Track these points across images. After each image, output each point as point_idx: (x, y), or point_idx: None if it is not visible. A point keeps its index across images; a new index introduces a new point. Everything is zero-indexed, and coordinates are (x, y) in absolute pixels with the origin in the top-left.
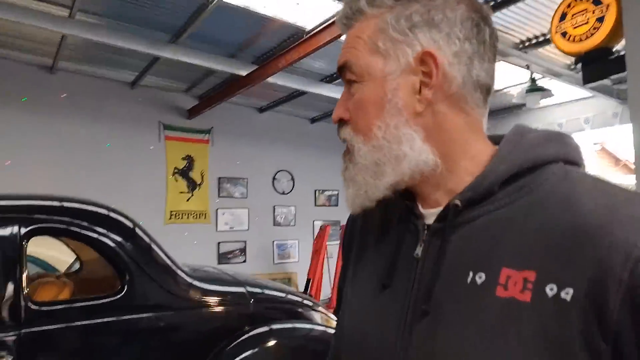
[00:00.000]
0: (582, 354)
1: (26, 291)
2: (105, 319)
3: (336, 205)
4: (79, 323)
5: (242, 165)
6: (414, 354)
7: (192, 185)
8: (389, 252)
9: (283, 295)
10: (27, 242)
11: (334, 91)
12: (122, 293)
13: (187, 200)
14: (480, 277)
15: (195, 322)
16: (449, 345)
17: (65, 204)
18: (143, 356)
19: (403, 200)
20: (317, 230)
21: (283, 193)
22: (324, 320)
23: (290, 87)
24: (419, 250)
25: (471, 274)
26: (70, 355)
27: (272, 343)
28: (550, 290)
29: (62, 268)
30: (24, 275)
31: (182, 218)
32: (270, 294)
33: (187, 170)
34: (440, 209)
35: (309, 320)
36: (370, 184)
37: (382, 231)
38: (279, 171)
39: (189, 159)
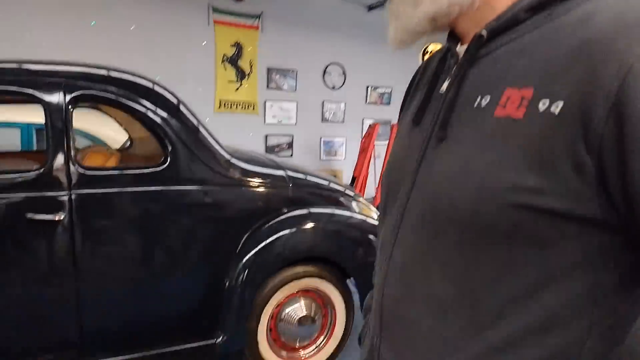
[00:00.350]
0: (566, 169)
1: (75, 156)
2: (149, 188)
3: (388, 104)
4: (123, 189)
5: (292, 55)
6: (421, 174)
7: (241, 75)
8: (425, 91)
9: (324, 182)
10: (74, 108)
11: None
12: (165, 165)
13: (236, 90)
14: (485, 100)
15: (235, 199)
16: (445, 162)
17: (112, 73)
18: (184, 226)
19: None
20: (366, 129)
21: (333, 88)
22: (364, 211)
23: None
24: (445, 85)
25: (479, 97)
26: (116, 218)
27: (309, 225)
28: (543, 105)
29: (116, 146)
30: (72, 141)
31: (230, 108)
32: (310, 180)
33: (236, 58)
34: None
35: (348, 209)
36: (409, 14)
37: (428, 74)
38: (330, 64)
39: (238, 46)
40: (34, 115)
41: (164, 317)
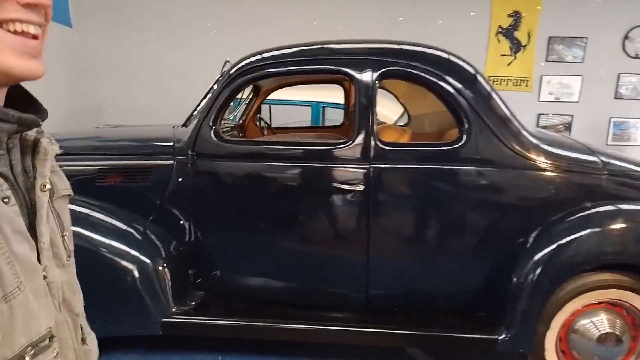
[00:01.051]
0: None
1: (376, 131)
2: (444, 166)
3: None
4: (419, 166)
5: (582, 21)
6: None
7: (516, 47)
8: None
9: None
10: (380, 84)
11: None
12: (462, 142)
13: (509, 64)
14: None
15: (533, 185)
16: None
17: (414, 48)
18: (473, 209)
19: None
20: None
21: (636, 56)
22: None
23: None
24: None
25: None
26: (409, 192)
27: (619, 225)
28: None
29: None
30: (375, 117)
31: (500, 84)
32: (630, 168)
33: (513, 29)
34: None
35: None
36: None
37: None
38: (634, 27)
39: (516, 16)
40: (324, 95)
41: (445, 297)
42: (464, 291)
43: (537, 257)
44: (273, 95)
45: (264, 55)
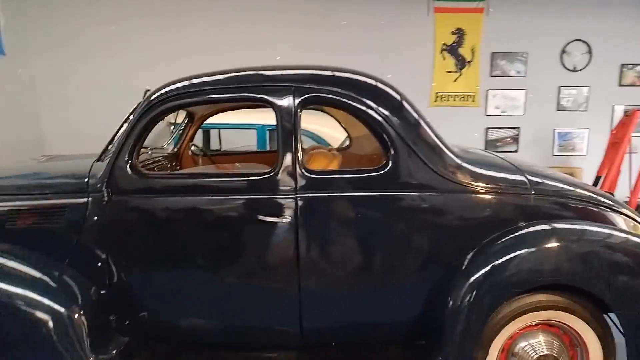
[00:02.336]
0: None
1: (301, 159)
2: (371, 192)
3: None
4: (346, 193)
5: (522, 36)
6: None
7: (461, 63)
8: None
9: (572, 189)
10: (301, 111)
11: None
12: (387, 168)
13: (455, 80)
14: None
15: (463, 207)
16: None
17: (337, 74)
18: (405, 234)
19: None
20: (617, 117)
21: (574, 70)
22: (629, 227)
23: None
24: None
25: None
26: (337, 221)
27: (553, 245)
28: None
29: (335, 144)
30: (299, 144)
31: (447, 100)
32: (557, 187)
33: (457, 46)
34: None
35: (606, 224)
36: None
37: None
38: (570, 42)
39: (459, 33)
40: (269, 118)
41: (384, 328)
42: (402, 320)
43: (472, 279)
44: (219, 119)
45: (181, 84)
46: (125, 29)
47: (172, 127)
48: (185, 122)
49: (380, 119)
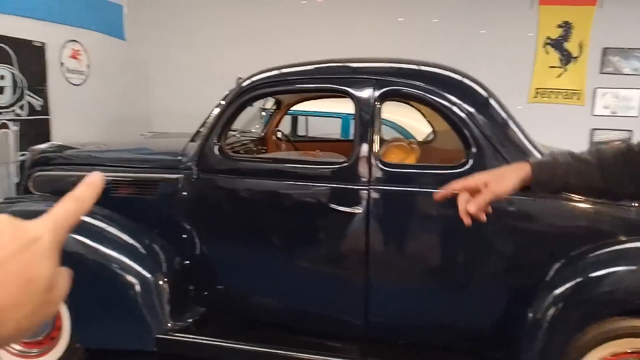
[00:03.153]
0: None
1: (377, 151)
2: None
3: None
4: (420, 189)
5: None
6: None
7: (566, 59)
8: None
9: None
10: (381, 103)
11: None
12: (467, 167)
13: (558, 76)
14: None
15: (554, 214)
16: None
17: (420, 68)
18: (485, 237)
19: None
20: None
21: None
22: None
23: None
24: None
25: None
26: (410, 217)
27: None
28: None
29: (419, 137)
30: (376, 136)
31: (549, 97)
32: None
33: (562, 40)
34: None
35: None
36: None
37: None
38: None
39: (567, 27)
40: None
41: (452, 332)
42: (473, 326)
43: (556, 292)
44: (306, 106)
45: (271, 73)
46: (224, 19)
47: (262, 112)
48: (274, 108)
49: (463, 115)
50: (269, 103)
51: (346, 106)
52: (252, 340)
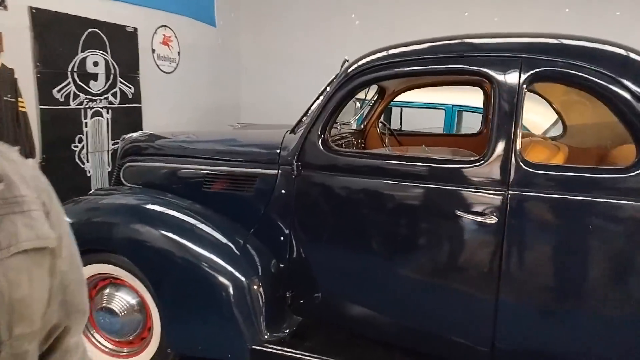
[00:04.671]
0: None
1: (519, 148)
2: (612, 199)
3: None
4: (574, 196)
5: None
6: None
7: None
8: None
9: None
10: (528, 88)
11: None
12: (638, 171)
13: None
14: None
15: None
16: None
17: (581, 43)
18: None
19: None
20: None
21: None
22: None
23: None
24: None
25: None
26: (560, 232)
27: None
28: None
29: (536, 132)
30: (519, 130)
31: None
32: None
33: None
34: None
35: None
36: None
37: None
38: None
39: None
40: (460, 97)
41: None
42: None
43: None
44: (403, 97)
45: (386, 52)
46: (317, 9)
47: (357, 103)
48: (375, 97)
49: (634, 101)
50: (370, 92)
51: (451, 96)
52: (356, 359)
